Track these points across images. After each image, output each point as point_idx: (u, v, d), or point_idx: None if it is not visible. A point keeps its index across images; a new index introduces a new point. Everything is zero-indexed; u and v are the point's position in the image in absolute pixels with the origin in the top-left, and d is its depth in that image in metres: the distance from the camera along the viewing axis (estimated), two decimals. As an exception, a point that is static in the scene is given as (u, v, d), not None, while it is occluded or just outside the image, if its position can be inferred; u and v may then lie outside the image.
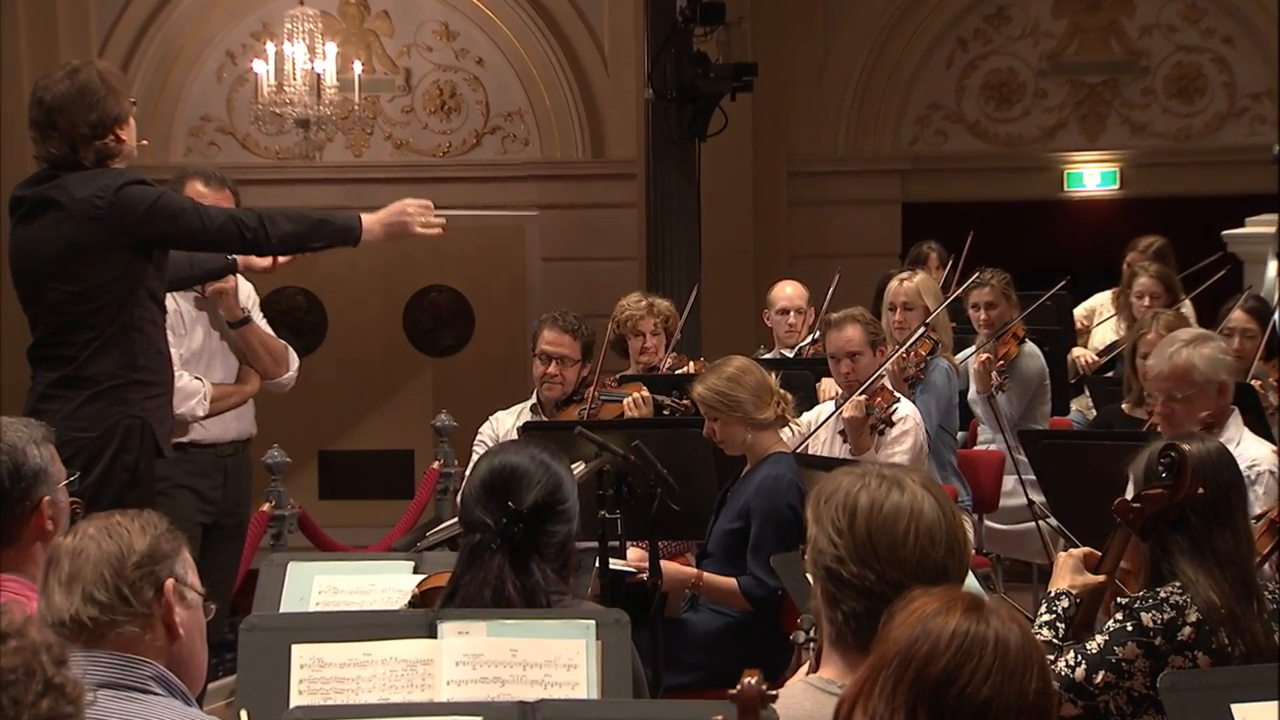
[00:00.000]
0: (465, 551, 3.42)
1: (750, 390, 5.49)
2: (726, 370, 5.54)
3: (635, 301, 7.30)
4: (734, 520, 5.46)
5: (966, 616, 2.17)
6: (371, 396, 12.90)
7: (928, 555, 2.60)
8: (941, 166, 12.98)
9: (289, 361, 5.94)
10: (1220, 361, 5.15)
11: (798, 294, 8.18)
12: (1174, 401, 5.10)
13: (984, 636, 2.16)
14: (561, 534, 3.43)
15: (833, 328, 6.42)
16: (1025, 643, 2.17)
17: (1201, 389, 5.09)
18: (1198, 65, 12.87)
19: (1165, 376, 5.12)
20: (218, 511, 5.68)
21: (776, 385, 5.58)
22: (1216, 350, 5.17)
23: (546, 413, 6.43)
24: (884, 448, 6.23)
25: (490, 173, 12.93)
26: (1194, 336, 5.21)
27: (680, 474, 5.08)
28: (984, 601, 2.21)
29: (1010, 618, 2.20)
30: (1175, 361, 5.09)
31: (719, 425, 5.51)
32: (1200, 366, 5.09)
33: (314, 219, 4.95)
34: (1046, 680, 2.18)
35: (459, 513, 3.52)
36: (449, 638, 3.21)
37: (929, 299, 7.23)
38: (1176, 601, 3.74)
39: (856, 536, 2.63)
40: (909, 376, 6.83)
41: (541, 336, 6.41)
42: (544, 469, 3.43)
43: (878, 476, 2.68)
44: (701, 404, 5.53)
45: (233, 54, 12.95)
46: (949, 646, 2.15)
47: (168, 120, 12.78)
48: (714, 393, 5.49)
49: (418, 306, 13.04)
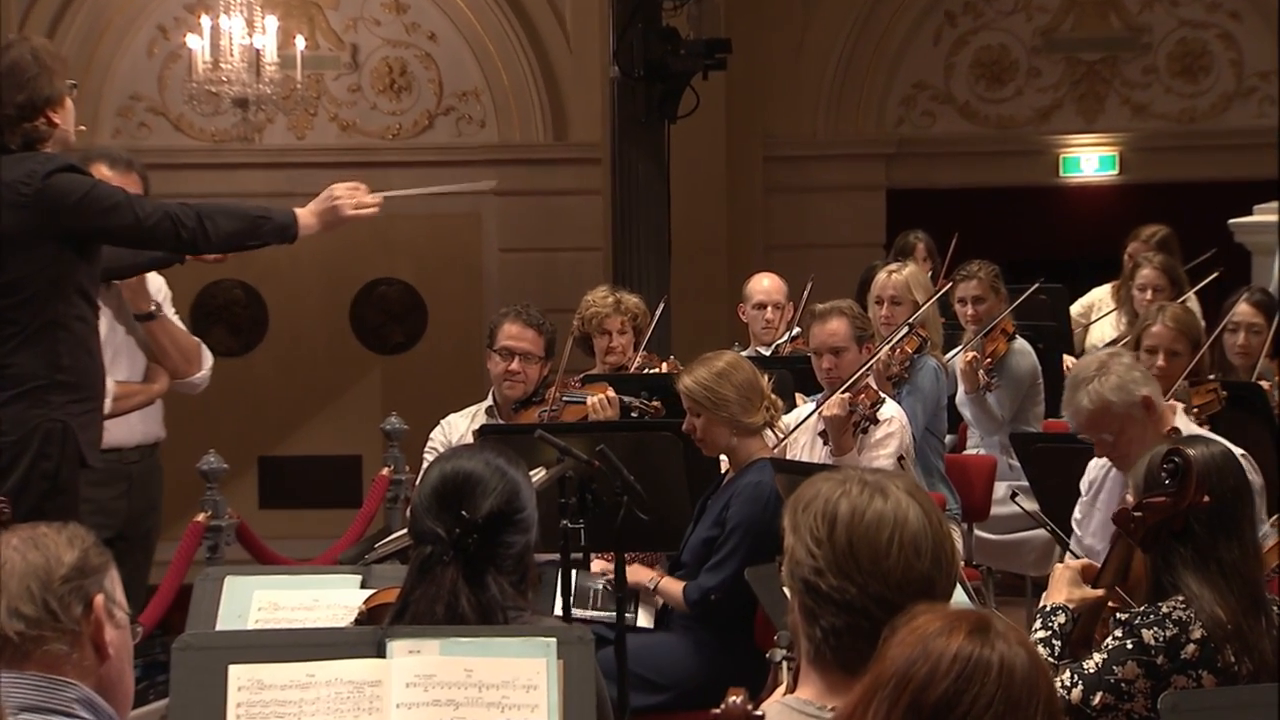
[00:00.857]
0: (416, 565, 3.41)
1: (738, 389, 5.50)
2: (716, 365, 5.55)
3: (602, 297, 7.31)
4: (711, 529, 5.48)
5: (971, 639, 2.16)
6: (316, 398, 12.87)
7: (912, 567, 2.60)
8: (928, 150, 13.02)
9: (201, 360, 5.90)
10: (1131, 379, 5.13)
11: (775, 287, 8.20)
12: (1108, 442, 5.13)
13: (988, 661, 2.15)
14: (519, 545, 3.43)
15: (817, 320, 6.46)
16: (1032, 669, 2.16)
17: (1127, 417, 5.08)
18: (1203, 42, 12.94)
19: (1085, 424, 5.13)
20: (119, 524, 5.61)
21: (768, 388, 5.59)
22: (1121, 370, 5.14)
23: (504, 415, 6.43)
24: (867, 449, 6.25)
25: (444, 157, 12.91)
26: (1093, 370, 5.16)
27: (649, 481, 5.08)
28: (991, 622, 2.19)
29: (1019, 641, 2.18)
30: (1087, 405, 5.10)
31: (701, 422, 5.51)
32: (1114, 399, 5.09)
33: (252, 215, 4.95)
34: (1054, 710, 2.16)
35: (409, 523, 3.51)
36: (399, 657, 3.20)
37: (918, 293, 7.26)
38: (1180, 617, 3.76)
39: (836, 547, 2.63)
40: (893, 375, 6.85)
41: (502, 331, 6.40)
42: (500, 475, 3.43)
43: (859, 482, 2.69)
44: (686, 397, 5.54)
45: (165, 28, 12.90)
46: (949, 670, 2.14)
47: (94, 100, 12.72)
48: (701, 386, 5.50)
49: (365, 301, 13.02)
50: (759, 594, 4.77)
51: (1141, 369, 5.23)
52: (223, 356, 11.71)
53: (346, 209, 5.08)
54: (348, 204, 5.08)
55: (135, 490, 5.71)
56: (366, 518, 7.88)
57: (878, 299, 7.31)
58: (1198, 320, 6.69)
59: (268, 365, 12.78)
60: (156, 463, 5.90)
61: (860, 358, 6.39)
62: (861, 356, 6.40)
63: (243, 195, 11.37)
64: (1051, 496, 5.97)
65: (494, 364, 6.43)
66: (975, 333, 7.65)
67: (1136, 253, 8.83)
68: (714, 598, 5.40)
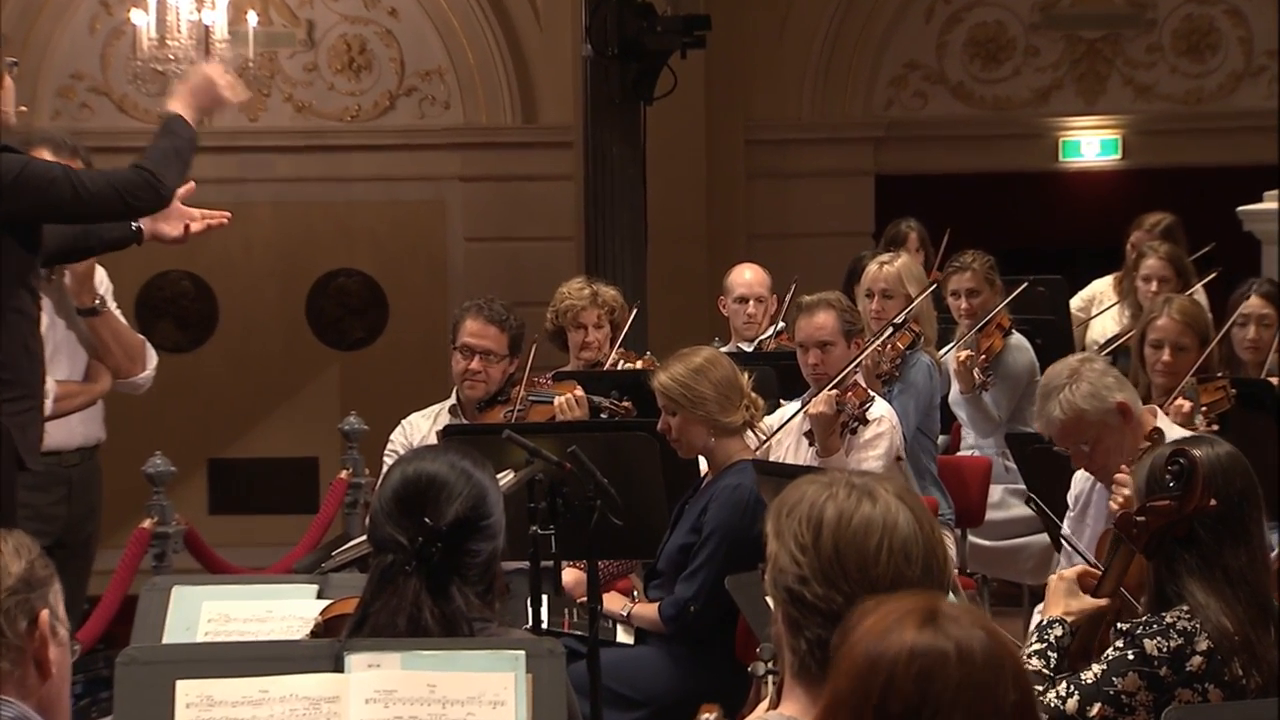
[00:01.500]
0: (376, 574, 3.41)
1: (716, 386, 5.51)
2: (694, 360, 5.56)
3: (577, 289, 7.30)
4: (688, 535, 5.49)
5: (921, 631, 2.17)
6: (269, 396, 12.85)
7: (903, 575, 2.61)
8: (920, 134, 13.03)
9: (146, 359, 5.88)
10: (1104, 385, 5.13)
11: (757, 279, 8.20)
12: (1084, 452, 5.13)
13: (943, 651, 2.16)
14: (486, 553, 3.43)
15: (803, 312, 6.45)
16: (993, 647, 2.17)
17: (1103, 425, 5.08)
18: (1210, 19, 12.98)
19: (1059, 435, 5.13)
20: (59, 530, 5.60)
21: (748, 386, 5.60)
22: (1093, 376, 5.14)
23: (467, 415, 6.43)
24: (855, 450, 6.26)
25: (406, 140, 12.89)
26: (1064, 377, 5.15)
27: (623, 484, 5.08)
28: (938, 608, 2.20)
29: (972, 621, 2.19)
30: (1059, 415, 5.10)
31: (677, 421, 5.53)
32: (1087, 407, 5.08)
33: (173, 150, 4.93)
34: (1024, 687, 2.17)
35: (369, 530, 3.51)
36: (358, 671, 3.20)
37: (911, 286, 7.23)
38: (1184, 627, 3.78)
39: (822, 553, 2.64)
40: (883, 374, 6.84)
41: (463, 327, 6.40)
42: (466, 479, 3.43)
43: (846, 485, 2.69)
44: (661, 395, 5.55)
45: (107, 3, 12.86)
46: (906, 672, 2.15)
47: (32, 79, 12.67)
48: (677, 383, 5.51)
49: (322, 293, 13.00)
50: (740, 604, 4.78)
51: (1116, 374, 5.22)
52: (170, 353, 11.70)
53: (223, 91, 5.08)
54: (222, 85, 5.08)
55: (75, 495, 5.69)
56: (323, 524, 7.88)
57: (868, 292, 7.30)
58: (1205, 313, 6.71)
59: (218, 362, 12.75)
60: (97, 466, 5.89)
61: (848, 353, 6.39)
62: (850, 352, 6.40)
63: (191, 181, 11.36)
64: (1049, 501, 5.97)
65: (455, 361, 6.43)
66: (969, 327, 7.66)
67: (1140, 242, 8.86)
68: (692, 609, 5.41)
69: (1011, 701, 2.16)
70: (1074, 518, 5.45)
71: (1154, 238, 8.82)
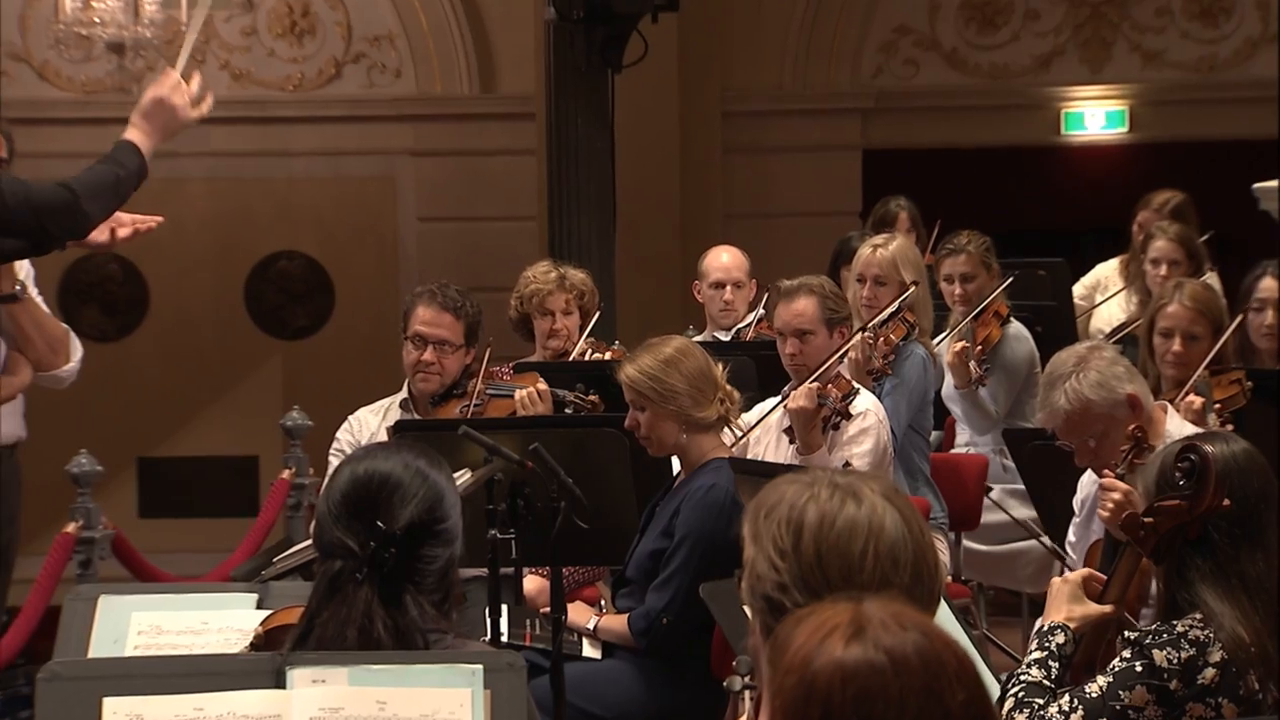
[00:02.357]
0: (323, 582, 3.41)
1: (688, 379, 5.52)
2: (663, 351, 5.57)
3: (544, 272, 7.31)
4: (660, 539, 5.50)
5: (850, 644, 2.17)
6: (204, 389, 12.82)
7: (889, 581, 2.62)
8: (911, 105, 13.05)
9: (70, 350, 5.87)
10: (1113, 374, 5.13)
11: (735, 263, 8.21)
12: (1089, 447, 5.13)
13: (877, 665, 2.16)
14: (442, 559, 3.43)
15: (783, 298, 6.45)
16: (929, 648, 2.17)
17: (1110, 418, 5.08)
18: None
19: (1063, 427, 5.12)
20: None
21: (722, 378, 5.60)
22: (1102, 365, 5.15)
23: (420, 409, 6.43)
24: (838, 447, 6.27)
25: (353, 111, 12.88)
26: (1071, 365, 5.16)
27: (590, 484, 5.09)
28: (864, 615, 2.20)
29: (901, 623, 2.20)
30: (1064, 405, 5.09)
31: (647, 417, 5.54)
32: (1095, 398, 5.08)
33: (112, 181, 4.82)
34: (971, 681, 2.17)
35: (314, 535, 3.51)
36: (301, 687, 3.20)
37: (906, 271, 7.16)
38: (1196, 637, 3.79)
39: (803, 559, 2.65)
40: (874, 369, 6.81)
41: (415, 315, 6.40)
42: (420, 479, 3.43)
43: (829, 485, 2.70)
44: (629, 388, 5.56)
45: (27, -39, 12.82)
46: (844, 696, 2.14)
47: (-55, 44, 12.64)
48: (646, 376, 5.52)
49: (262, 278, 12.98)
50: (716, 614, 4.79)
51: (1126, 364, 5.23)
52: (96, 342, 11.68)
53: (187, 111, 4.93)
54: (183, 104, 4.92)
55: (-6, 495, 5.69)
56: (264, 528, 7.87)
57: (860, 277, 7.26)
58: (1219, 299, 6.73)
59: (148, 352, 12.72)
60: (16, 465, 5.88)
61: (831, 343, 6.39)
62: (833, 342, 6.40)
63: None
64: (1050, 502, 5.98)
65: (407, 352, 6.42)
66: (964, 315, 7.66)
67: (1148, 222, 8.89)
68: (664, 620, 5.42)
69: (960, 701, 2.17)
70: (1079, 523, 5.46)
71: (1163, 218, 8.85)
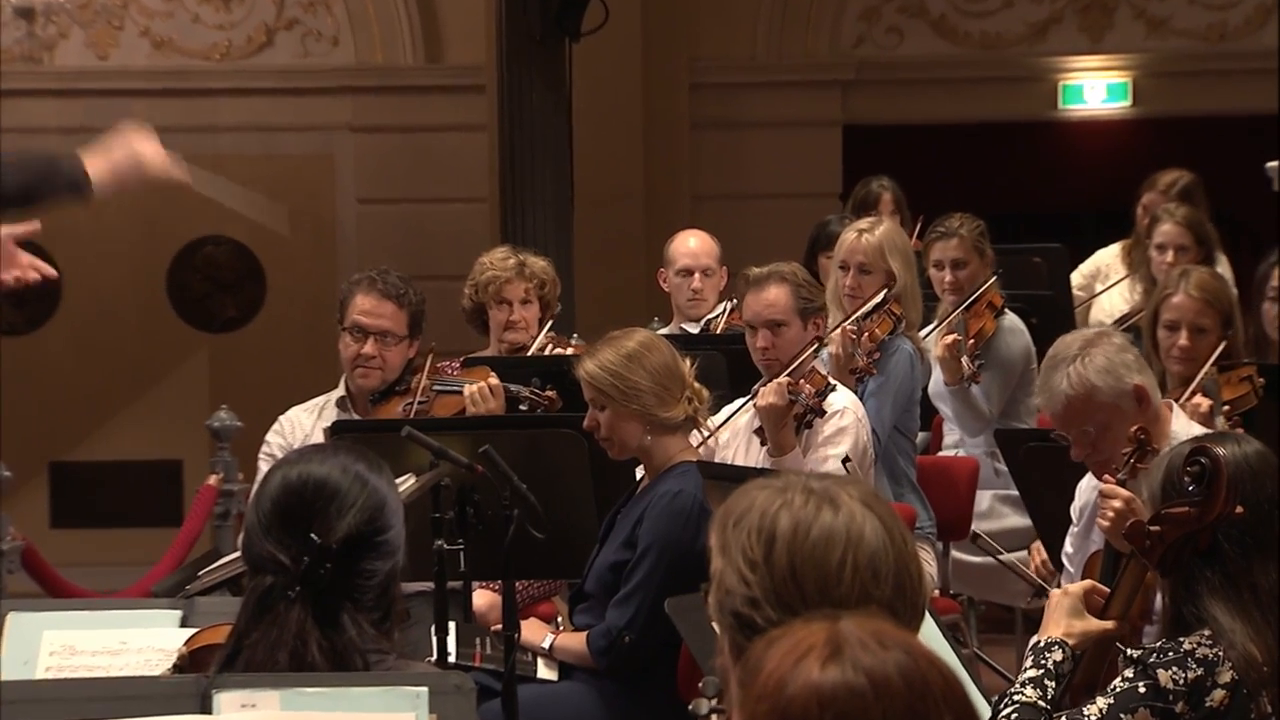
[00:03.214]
0: (252, 599, 3.41)
1: (653, 375, 5.51)
2: (625, 345, 5.56)
3: (502, 258, 7.31)
4: (622, 550, 5.50)
5: (827, 669, 2.18)
6: (124, 387, 12.78)
7: (870, 595, 2.62)
8: (895, 76, 13.06)
9: None
10: (1122, 362, 5.14)
11: (704, 248, 8.21)
12: (1088, 438, 5.14)
13: (857, 689, 2.17)
14: (383, 573, 3.43)
15: (752, 286, 6.44)
16: (912, 667, 2.18)
17: (1114, 408, 5.09)
18: (1235, -59, 13.06)
19: (1063, 414, 5.12)
20: None
21: (690, 374, 5.60)
22: (1110, 352, 5.15)
23: (359, 408, 6.43)
24: (813, 449, 6.27)
25: (285, 83, 12.84)
26: (1076, 349, 5.17)
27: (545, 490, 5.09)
28: (841, 636, 2.20)
29: (882, 641, 2.21)
30: (1066, 390, 5.11)
31: (607, 417, 5.52)
32: (1100, 384, 5.08)
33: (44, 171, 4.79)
34: (958, 701, 2.18)
35: (243, 547, 3.51)
36: (229, 712, 3.20)
37: (894, 259, 7.12)
38: (1204, 656, 3.81)
39: (775, 571, 2.65)
40: (857, 368, 6.78)
41: (353, 304, 6.40)
42: (360, 485, 3.43)
43: (803, 490, 2.70)
44: (588, 386, 5.54)
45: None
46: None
47: None
48: (606, 372, 5.50)
49: (187, 265, 12.94)
50: (682, 631, 4.80)
51: (1136, 354, 5.25)
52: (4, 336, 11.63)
53: (154, 166, 4.86)
54: (154, 159, 4.87)
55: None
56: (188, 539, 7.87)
57: (842, 264, 7.22)
58: (1228, 288, 6.74)
59: (62, 347, 12.67)
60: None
61: (805, 335, 6.39)
62: (808, 334, 6.40)
63: (28, 131, 11.29)
64: (1046, 510, 5.99)
65: (345, 345, 6.41)
66: (954, 305, 7.66)
67: (1154, 205, 8.91)
68: (626, 638, 5.42)
69: None
70: (1078, 533, 5.46)
71: (1170, 199, 8.87)
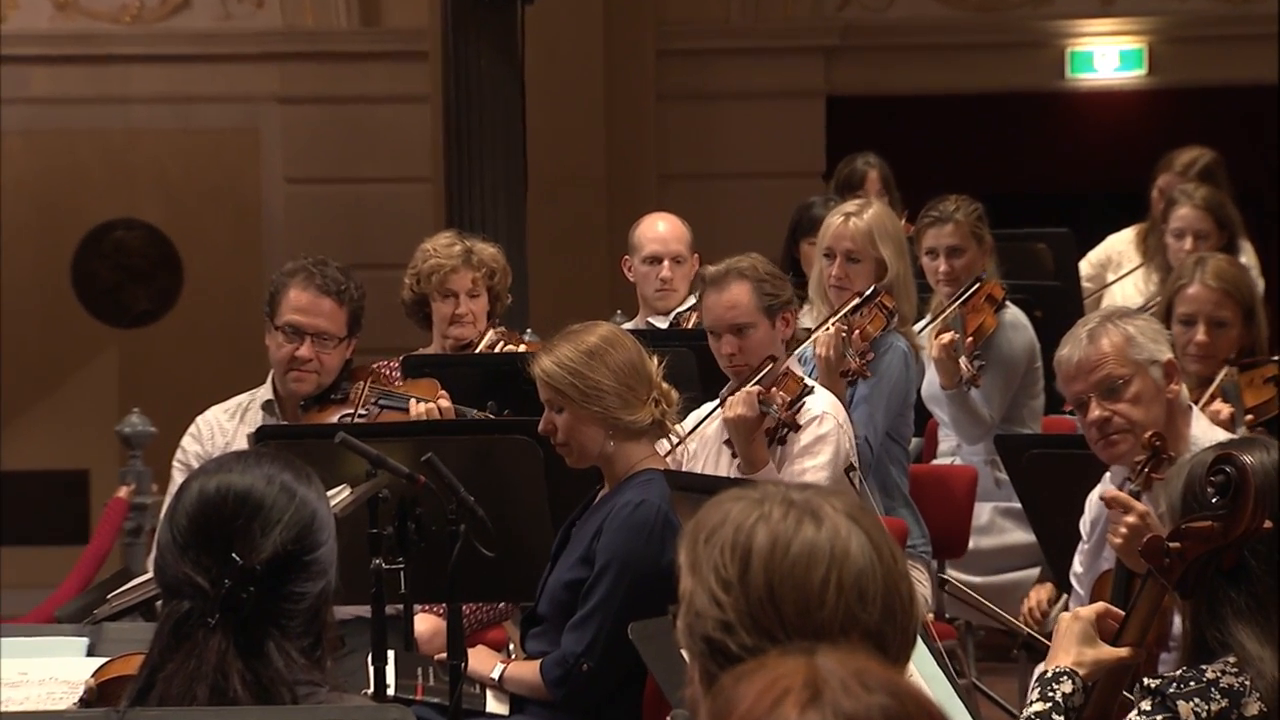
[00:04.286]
0: (167, 626, 3.40)
1: (617, 374, 5.49)
2: (586, 340, 5.53)
3: (447, 245, 7.30)
4: (578, 568, 5.49)
5: (804, 713, 2.17)
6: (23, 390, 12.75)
7: (855, 618, 2.62)
8: (884, 42, 13.08)
9: None
10: (1158, 334, 5.24)
11: (673, 234, 8.20)
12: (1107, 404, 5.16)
13: None
14: (313, 596, 3.43)
15: (710, 287, 6.39)
16: (898, 711, 2.18)
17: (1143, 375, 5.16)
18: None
19: (1087, 367, 5.17)
20: None
21: (658, 374, 5.58)
22: (1144, 324, 5.25)
23: (288, 414, 6.41)
24: (789, 460, 6.25)
25: (205, 49, 12.82)
26: (1106, 314, 5.27)
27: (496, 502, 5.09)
28: (819, 675, 2.20)
29: (865, 683, 2.20)
30: (1100, 341, 5.16)
31: (565, 420, 5.48)
32: (1137, 336, 5.18)
33: None
34: None
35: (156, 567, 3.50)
36: (142, 753, 3.19)
37: (886, 246, 7.10)
38: (1230, 685, 3.82)
39: (751, 592, 2.65)
40: (849, 371, 6.73)
41: (286, 300, 6.37)
42: (288, 497, 3.43)
43: (783, 502, 2.70)
44: (544, 385, 5.49)
45: None
46: None
47: None
48: (565, 370, 5.47)
49: (95, 252, 12.91)
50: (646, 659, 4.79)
51: (1170, 338, 5.30)
52: (-110, 331, 11.61)
53: None
54: None
55: None
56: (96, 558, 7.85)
57: (828, 252, 7.20)
58: (1249, 276, 6.76)
59: (-46, 344, 12.67)
60: None
61: (774, 334, 6.36)
62: (776, 332, 6.37)
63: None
64: (1052, 524, 6.00)
65: (276, 345, 6.39)
66: (949, 297, 7.66)
67: (1171, 186, 8.93)
68: (584, 666, 5.42)
69: None
70: (1088, 550, 5.48)
71: (1188, 180, 8.89)
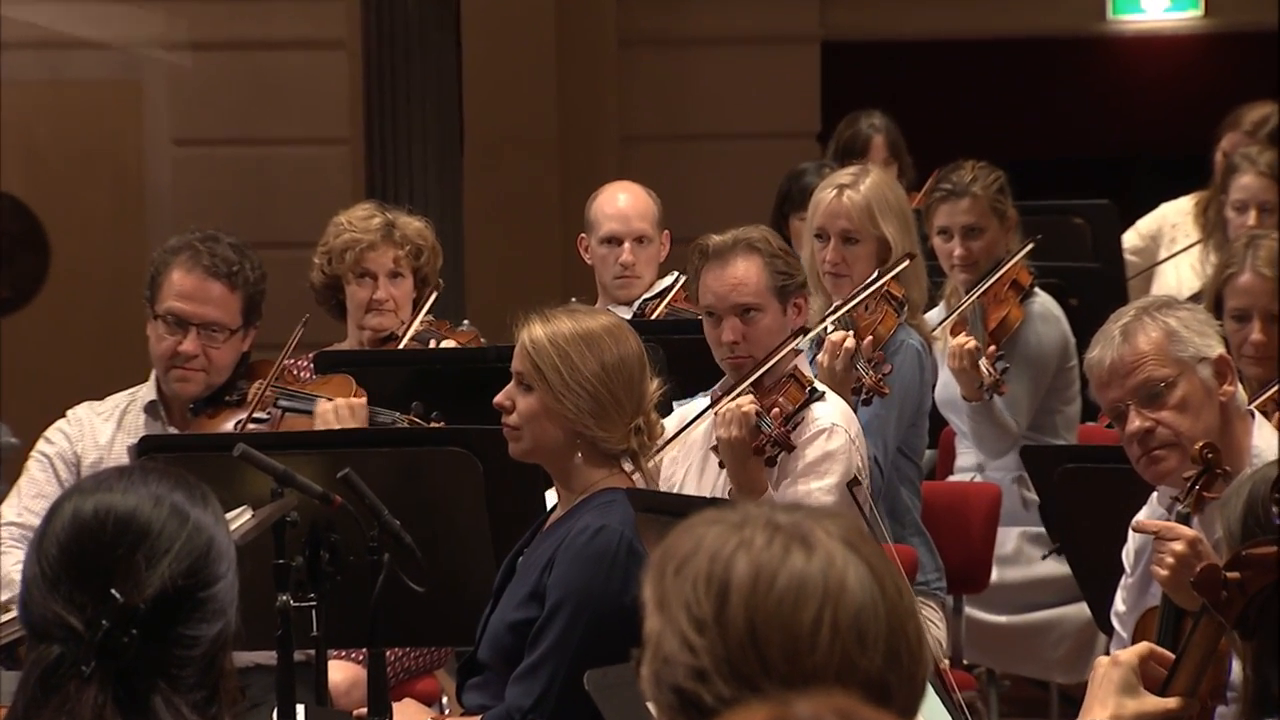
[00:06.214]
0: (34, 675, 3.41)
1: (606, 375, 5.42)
2: (588, 323, 5.47)
3: (364, 218, 7.30)
4: (526, 605, 5.48)
5: None
6: None
7: (853, 664, 2.63)
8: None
9: None
10: (1210, 327, 5.31)
11: (637, 208, 8.18)
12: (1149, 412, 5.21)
13: None
14: (207, 641, 3.44)
15: (712, 260, 6.33)
16: None
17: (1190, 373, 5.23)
18: None
19: (1127, 365, 5.23)
20: None
21: (652, 398, 5.54)
22: (1191, 315, 5.32)
23: (175, 418, 6.42)
24: (790, 479, 6.23)
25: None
26: (1149, 304, 5.35)
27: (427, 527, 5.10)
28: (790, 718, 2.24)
29: None
30: (1136, 340, 5.22)
31: (529, 403, 5.40)
32: (1182, 331, 5.25)
33: None
34: None
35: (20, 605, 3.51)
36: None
37: (889, 223, 7.05)
38: (1296, 744, 3.86)
39: (729, 633, 2.66)
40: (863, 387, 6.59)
41: (168, 284, 6.38)
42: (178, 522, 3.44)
43: (766, 527, 2.71)
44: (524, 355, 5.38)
45: None
46: None
47: None
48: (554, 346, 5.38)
49: (-53, 229, 12.93)
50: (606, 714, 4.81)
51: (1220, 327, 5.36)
52: None
53: None
54: None
55: None
56: (-50, 593, 7.86)
57: (820, 232, 7.18)
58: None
59: None
60: None
61: (784, 321, 6.34)
62: (788, 320, 6.35)
63: None
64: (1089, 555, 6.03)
65: (157, 337, 6.39)
66: (966, 286, 7.65)
67: (1235, 148, 8.95)
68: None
69: None
70: (1132, 585, 5.51)
71: (1256, 142, 8.91)
